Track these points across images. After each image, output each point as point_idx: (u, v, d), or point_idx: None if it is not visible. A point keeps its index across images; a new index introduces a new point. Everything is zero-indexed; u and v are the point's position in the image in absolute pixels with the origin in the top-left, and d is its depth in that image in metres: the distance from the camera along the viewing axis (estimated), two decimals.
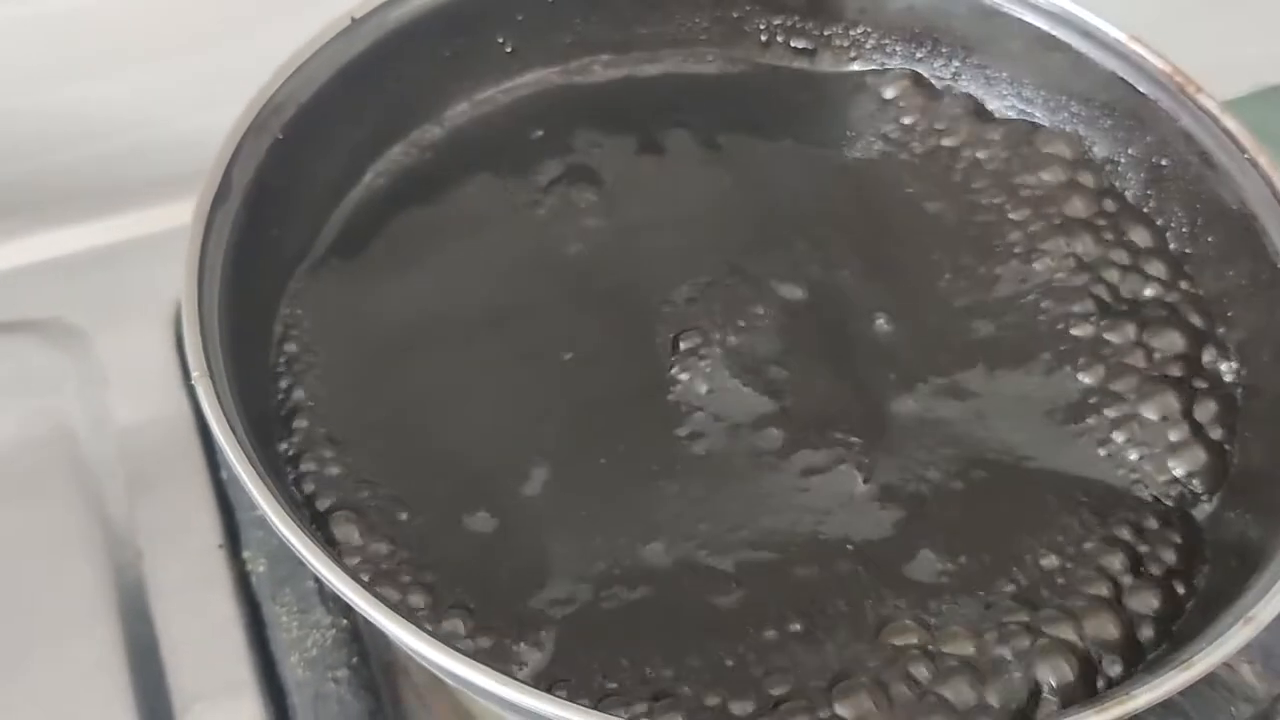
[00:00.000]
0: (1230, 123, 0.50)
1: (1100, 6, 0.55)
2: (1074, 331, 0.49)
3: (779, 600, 0.42)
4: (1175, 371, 0.48)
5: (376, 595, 0.35)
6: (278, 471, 0.41)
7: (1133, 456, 0.46)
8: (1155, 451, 0.46)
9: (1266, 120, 0.94)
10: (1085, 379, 0.48)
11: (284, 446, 0.44)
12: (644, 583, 0.42)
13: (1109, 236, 0.52)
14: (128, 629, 0.47)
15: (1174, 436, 0.46)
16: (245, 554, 0.49)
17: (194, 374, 0.39)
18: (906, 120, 0.56)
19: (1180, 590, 0.42)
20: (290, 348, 0.48)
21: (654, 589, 0.42)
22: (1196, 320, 0.50)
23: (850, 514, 0.44)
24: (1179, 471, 0.46)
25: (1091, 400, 0.47)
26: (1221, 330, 0.49)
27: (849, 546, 0.43)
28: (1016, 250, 0.52)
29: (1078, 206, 0.53)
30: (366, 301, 0.49)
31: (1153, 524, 0.44)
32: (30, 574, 0.48)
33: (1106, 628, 0.41)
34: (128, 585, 0.48)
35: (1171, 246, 0.52)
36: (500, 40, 0.55)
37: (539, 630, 0.41)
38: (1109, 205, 0.53)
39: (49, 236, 0.58)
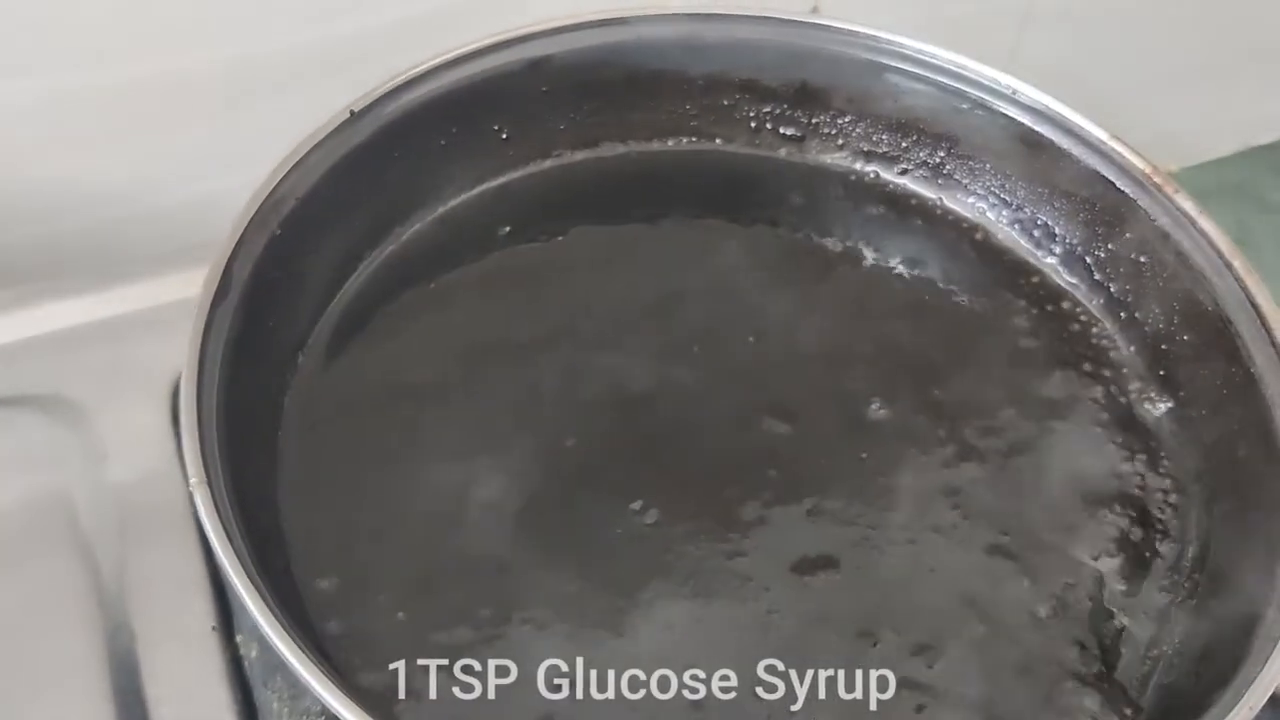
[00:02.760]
0: (1207, 225, 0.51)
1: (1094, 68, 0.56)
2: None
3: None
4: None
5: None
6: (277, 584, 0.42)
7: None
8: None
9: (1254, 180, 0.96)
10: None
11: (282, 558, 0.45)
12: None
13: (1090, 331, 0.54)
14: (121, 711, 0.48)
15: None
16: (238, 638, 0.49)
17: (191, 480, 0.39)
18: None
19: None
20: (288, 439, 0.49)
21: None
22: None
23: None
24: None
25: None
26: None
27: None
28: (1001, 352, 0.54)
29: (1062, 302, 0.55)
30: (361, 390, 0.50)
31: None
32: (24, 652, 0.49)
33: None
34: (122, 666, 0.49)
35: (1149, 343, 0.53)
36: (496, 128, 0.56)
37: None
38: (1089, 298, 0.55)
39: (48, 309, 0.59)
